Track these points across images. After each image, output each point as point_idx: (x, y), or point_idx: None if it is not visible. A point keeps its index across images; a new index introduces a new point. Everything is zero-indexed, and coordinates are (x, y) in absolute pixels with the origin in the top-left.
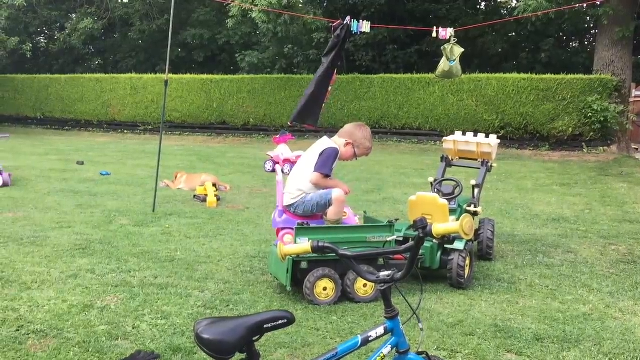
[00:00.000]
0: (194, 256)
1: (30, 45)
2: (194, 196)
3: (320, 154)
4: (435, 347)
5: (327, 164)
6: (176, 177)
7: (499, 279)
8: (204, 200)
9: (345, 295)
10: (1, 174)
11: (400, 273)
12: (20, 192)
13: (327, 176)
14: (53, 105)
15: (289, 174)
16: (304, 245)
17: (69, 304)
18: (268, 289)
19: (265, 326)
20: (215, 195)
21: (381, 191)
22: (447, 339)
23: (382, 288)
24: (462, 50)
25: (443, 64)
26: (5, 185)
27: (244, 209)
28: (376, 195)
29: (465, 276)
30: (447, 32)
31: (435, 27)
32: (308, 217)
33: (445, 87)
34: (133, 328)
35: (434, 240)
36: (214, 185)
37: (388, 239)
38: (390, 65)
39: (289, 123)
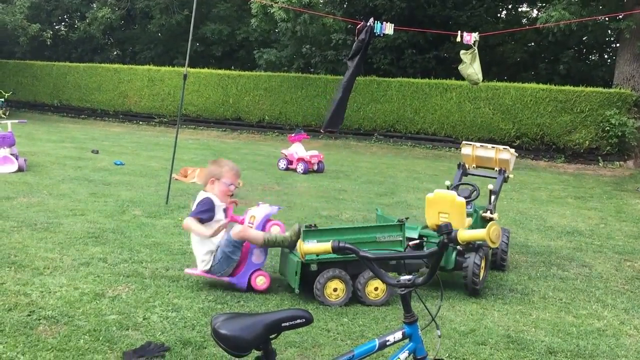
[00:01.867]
0: None
1: (51, 32)
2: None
3: (197, 205)
4: (447, 354)
5: (202, 210)
6: (186, 173)
7: (512, 289)
8: None
9: (355, 298)
10: (17, 159)
11: (421, 278)
12: (35, 177)
13: (201, 220)
14: (70, 93)
15: (302, 173)
16: (324, 244)
17: (81, 292)
18: (279, 286)
19: (283, 325)
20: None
21: (394, 195)
22: (459, 347)
23: (403, 292)
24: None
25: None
26: (20, 170)
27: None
28: (389, 199)
29: (480, 279)
30: (471, 37)
31: (460, 32)
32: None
33: (463, 94)
34: (144, 319)
35: (458, 247)
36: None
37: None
38: (407, 69)
39: (322, 130)
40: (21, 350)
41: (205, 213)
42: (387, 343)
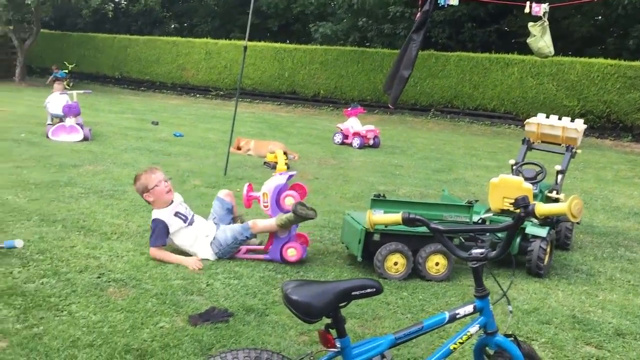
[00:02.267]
0: None
1: (112, 5)
2: (264, 163)
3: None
4: (510, 332)
5: (155, 236)
6: (239, 144)
7: (576, 269)
8: (274, 168)
9: (415, 273)
10: (82, 128)
11: (494, 252)
12: (99, 147)
13: (162, 245)
14: (130, 65)
15: (358, 147)
16: (394, 215)
17: (146, 257)
18: (338, 259)
19: (353, 293)
20: (286, 164)
21: (452, 171)
22: (522, 325)
23: (475, 266)
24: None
25: (527, 40)
26: (85, 139)
27: (312, 179)
28: (446, 175)
29: (544, 264)
30: (540, 8)
31: (528, 2)
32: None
33: (525, 69)
34: (207, 285)
35: (534, 221)
36: (285, 153)
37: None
38: (467, 43)
39: (390, 106)
40: (93, 310)
41: (160, 237)
42: (457, 316)
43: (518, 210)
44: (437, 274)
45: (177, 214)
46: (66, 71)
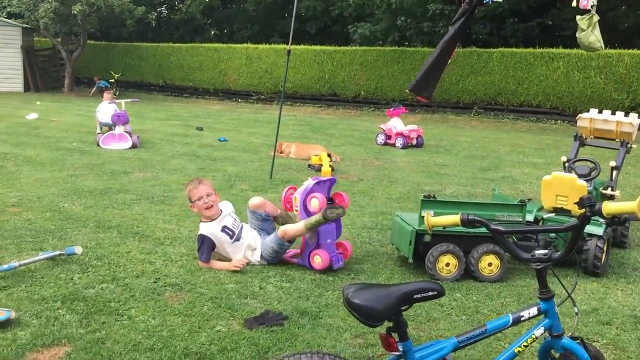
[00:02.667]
0: None
1: (155, 14)
2: (309, 165)
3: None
4: (569, 333)
5: (201, 252)
6: (281, 148)
7: (634, 267)
8: (319, 170)
9: (468, 274)
10: (131, 136)
11: (558, 253)
12: (148, 153)
13: (207, 257)
14: (174, 73)
15: (401, 147)
16: (452, 217)
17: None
18: (388, 260)
19: (415, 296)
20: (330, 166)
21: (498, 170)
22: (582, 326)
23: (539, 267)
24: (594, 20)
25: (577, 35)
26: (134, 146)
27: (357, 181)
28: (493, 174)
29: (601, 263)
30: (588, 1)
31: None
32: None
33: (571, 63)
34: (260, 289)
35: (601, 221)
36: (328, 155)
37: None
38: (508, 39)
39: (407, 90)
40: (151, 314)
41: (206, 252)
42: (522, 319)
43: (583, 211)
44: (490, 274)
45: (224, 229)
46: (112, 80)
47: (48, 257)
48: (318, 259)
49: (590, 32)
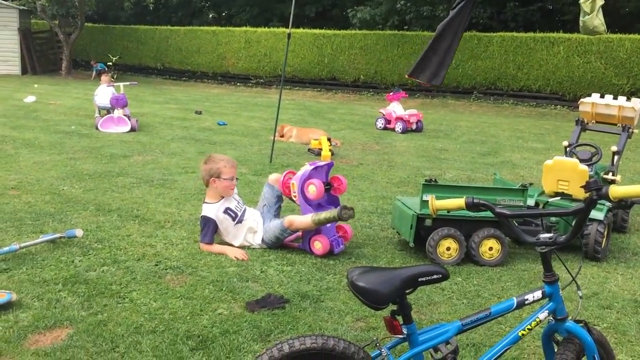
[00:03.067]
0: None
1: None
2: (309, 149)
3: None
4: (570, 317)
5: (204, 233)
6: (282, 131)
7: (634, 252)
8: (319, 154)
9: (469, 258)
10: (130, 120)
11: (563, 237)
12: (147, 137)
13: (209, 244)
14: (172, 56)
15: (401, 132)
16: (457, 200)
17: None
18: (389, 244)
19: (419, 279)
20: (330, 150)
21: (498, 154)
22: (582, 310)
23: (543, 251)
24: (598, 3)
25: (581, 19)
26: (133, 130)
27: (357, 165)
28: (493, 158)
29: (602, 248)
30: None
31: None
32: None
33: (571, 48)
34: (261, 272)
35: (607, 204)
36: (328, 139)
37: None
38: (509, 23)
39: (406, 75)
40: (153, 297)
41: (208, 234)
42: (526, 302)
43: (588, 194)
44: (491, 258)
45: (227, 211)
46: (110, 63)
47: (49, 240)
48: (318, 245)
49: (594, 16)
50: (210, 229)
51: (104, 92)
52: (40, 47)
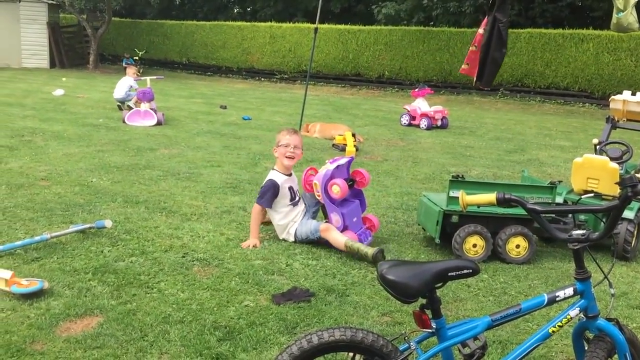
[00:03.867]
0: None
1: None
2: (333, 145)
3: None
4: (604, 315)
5: (262, 193)
6: (307, 128)
7: None
8: (343, 150)
9: (495, 255)
10: (156, 113)
11: (596, 233)
12: (173, 131)
13: (266, 206)
14: (197, 51)
15: (425, 128)
16: (488, 195)
17: (226, 237)
18: (414, 240)
19: (449, 274)
20: (354, 145)
21: (524, 152)
22: (611, 309)
23: (576, 247)
24: (632, 0)
25: (614, 16)
26: (159, 123)
27: (382, 161)
28: (519, 156)
29: (631, 247)
30: None
31: None
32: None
33: (601, 45)
34: (286, 265)
35: (638, 203)
36: (353, 135)
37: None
38: (537, 19)
39: (483, 87)
40: (180, 288)
41: (264, 196)
42: (557, 299)
43: (623, 191)
44: (518, 256)
45: (290, 189)
46: (136, 58)
47: (79, 230)
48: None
49: (629, 13)
50: (271, 193)
51: (120, 85)
52: (68, 41)
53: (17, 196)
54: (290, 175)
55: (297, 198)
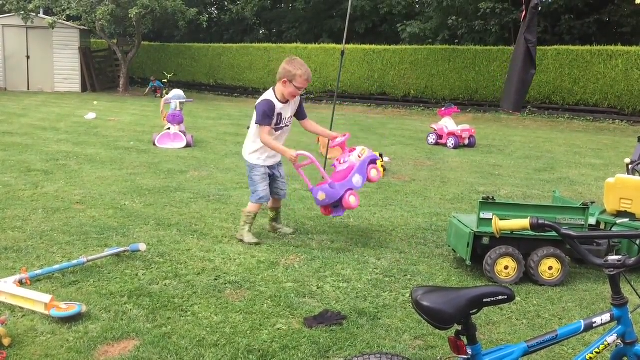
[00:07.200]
0: (367, 224)
1: (207, 15)
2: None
3: (255, 110)
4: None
5: (262, 115)
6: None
7: None
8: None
9: (527, 277)
10: (185, 135)
11: (632, 259)
12: (202, 153)
13: (267, 126)
14: (224, 72)
15: (453, 147)
16: (521, 221)
17: (257, 260)
18: (444, 262)
19: (484, 300)
20: (382, 166)
21: (554, 170)
22: None
23: (612, 273)
24: None
25: None
26: (188, 145)
27: (410, 181)
28: (549, 175)
29: None
30: None
31: None
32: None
33: (631, 61)
34: (317, 288)
35: None
36: (380, 155)
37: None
38: (564, 36)
39: (514, 112)
40: (214, 311)
41: (265, 117)
42: (594, 325)
43: None
44: (551, 278)
45: (279, 115)
46: (165, 80)
47: (114, 254)
48: (353, 199)
49: None
50: (268, 113)
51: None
52: (99, 65)
53: (53, 220)
54: (286, 102)
55: (282, 125)
